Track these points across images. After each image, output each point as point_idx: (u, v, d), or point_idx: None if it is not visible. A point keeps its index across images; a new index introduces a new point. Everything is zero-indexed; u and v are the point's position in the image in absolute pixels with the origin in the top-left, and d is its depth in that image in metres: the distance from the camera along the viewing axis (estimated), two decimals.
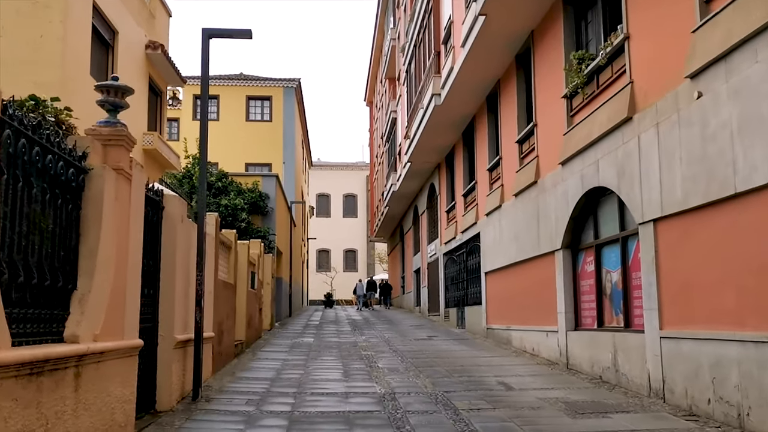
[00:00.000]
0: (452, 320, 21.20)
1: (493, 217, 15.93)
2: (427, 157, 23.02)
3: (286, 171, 31.78)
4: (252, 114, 33.55)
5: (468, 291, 19.26)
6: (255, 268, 15.81)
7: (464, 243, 19.59)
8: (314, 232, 54.52)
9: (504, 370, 10.97)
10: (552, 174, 11.75)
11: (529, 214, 12.93)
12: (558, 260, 11.38)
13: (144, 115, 15.14)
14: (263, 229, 20.14)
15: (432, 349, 14.53)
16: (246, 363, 11.81)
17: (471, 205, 18.72)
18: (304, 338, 17.08)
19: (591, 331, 10.22)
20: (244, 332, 13.73)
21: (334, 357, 12.96)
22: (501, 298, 15.37)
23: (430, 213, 26.50)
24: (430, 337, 17.55)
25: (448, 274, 22.38)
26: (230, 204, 19.04)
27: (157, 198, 7.60)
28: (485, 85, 15.99)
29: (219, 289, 10.66)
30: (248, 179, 20.94)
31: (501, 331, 15.25)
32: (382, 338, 17.32)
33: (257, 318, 16.01)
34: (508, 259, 14.46)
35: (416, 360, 12.42)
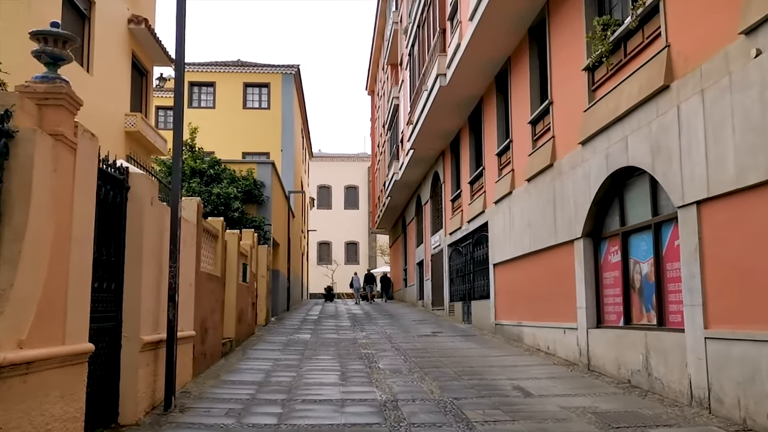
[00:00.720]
0: (457, 315, 20.14)
1: (502, 205, 14.84)
2: (430, 144, 21.90)
3: (284, 159, 30.66)
4: (249, 101, 32.41)
5: (475, 284, 18.19)
6: (247, 260, 14.76)
7: (471, 233, 18.51)
8: (315, 224, 53.47)
9: (518, 371, 9.90)
10: (570, 155, 10.64)
11: (544, 200, 11.84)
12: (578, 250, 10.29)
13: (126, 94, 14.06)
14: (258, 218, 19.07)
15: (437, 346, 13.47)
16: (234, 364, 10.76)
17: (478, 192, 17.62)
18: (301, 334, 16.03)
19: (617, 329, 9.14)
20: (233, 329, 12.68)
21: (331, 356, 11.91)
22: (511, 291, 14.29)
23: (434, 202, 25.41)
24: (435, 333, 16.49)
25: (453, 267, 21.30)
26: (223, 192, 17.96)
27: (120, 176, 6.52)
28: (494, 62, 14.86)
29: (202, 282, 9.60)
30: (242, 167, 19.86)
31: (511, 327, 14.18)
32: (384, 334, 16.27)
33: (250, 313, 14.96)
34: (519, 249, 13.38)
35: (421, 359, 11.36)
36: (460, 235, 19.70)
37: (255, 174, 19.87)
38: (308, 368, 10.35)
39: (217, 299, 10.85)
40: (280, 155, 29.90)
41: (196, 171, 18.55)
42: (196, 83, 32.07)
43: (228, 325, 12.63)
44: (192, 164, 18.44)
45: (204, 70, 32.05)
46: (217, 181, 18.68)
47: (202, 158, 19.02)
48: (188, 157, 18.83)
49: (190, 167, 18.43)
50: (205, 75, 32.06)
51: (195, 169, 18.50)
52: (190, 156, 18.85)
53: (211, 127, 30.24)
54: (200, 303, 9.44)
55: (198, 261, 9.29)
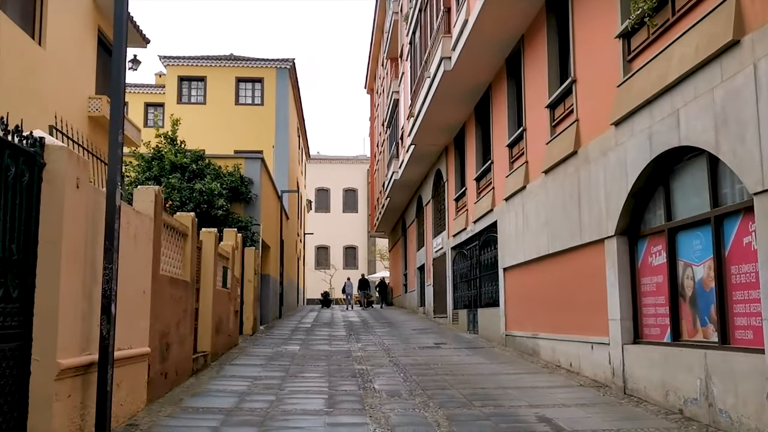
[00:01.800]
0: (462, 324, 18.54)
1: (514, 202, 13.26)
2: (432, 138, 20.33)
3: (278, 157, 29.07)
4: (242, 97, 30.84)
5: (481, 290, 16.59)
6: (229, 263, 13.16)
7: (477, 234, 16.92)
8: (313, 227, 51.88)
9: (540, 395, 8.30)
10: (600, 139, 9.06)
11: (566, 194, 10.26)
12: (610, 251, 8.70)
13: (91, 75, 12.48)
14: (245, 218, 17.47)
15: (441, 361, 11.88)
16: (204, 384, 9.15)
17: (486, 189, 16.05)
18: (290, 346, 14.42)
19: (663, 347, 7.53)
20: (209, 341, 11.08)
21: (320, 374, 10.31)
22: (525, 298, 12.69)
23: (436, 203, 23.83)
24: (438, 344, 14.89)
25: (457, 271, 19.71)
26: (205, 189, 16.36)
27: (31, 149, 4.95)
28: (506, 42, 13.31)
29: (163, 289, 8.01)
30: (228, 162, 18.28)
31: (525, 339, 12.58)
32: (381, 346, 14.66)
33: (231, 322, 13.37)
34: (535, 251, 11.79)
35: (423, 378, 9.77)
36: (465, 237, 18.12)
37: (242, 170, 18.29)
38: (291, 390, 8.74)
39: (186, 308, 9.26)
40: (272, 152, 28.30)
41: (177, 166, 16.97)
42: (185, 78, 30.53)
43: (202, 337, 11.03)
44: (172, 158, 16.86)
45: (194, 63, 30.52)
46: (200, 177, 17.10)
47: (183, 152, 17.45)
48: (168, 150, 17.25)
49: (170, 161, 16.85)
50: (196, 69, 30.52)
51: (176, 163, 16.91)
52: (170, 149, 17.27)
53: (202, 124, 28.72)
54: (160, 313, 7.85)
55: (157, 263, 7.70)
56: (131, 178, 16.66)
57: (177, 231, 9.03)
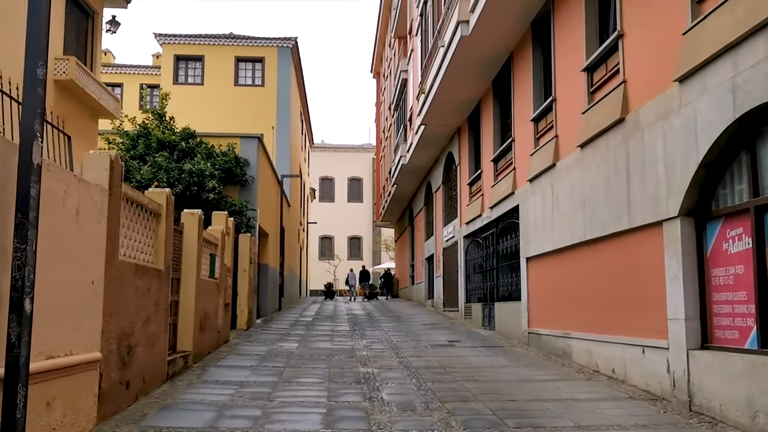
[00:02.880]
0: (476, 319, 17.02)
1: (540, 183, 11.70)
2: (444, 118, 18.74)
3: (279, 139, 27.52)
4: (242, 78, 29.25)
5: (499, 282, 15.06)
6: (217, 250, 11.66)
7: (494, 221, 15.38)
8: (317, 217, 50.33)
9: (585, 410, 6.78)
10: (657, 101, 7.49)
11: (610, 169, 8.69)
12: (671, 235, 7.14)
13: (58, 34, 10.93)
14: (239, 202, 15.94)
15: (458, 363, 10.37)
16: (179, 392, 7.65)
17: (505, 171, 14.48)
18: (286, 343, 12.93)
19: (747, 354, 5.98)
20: (191, 339, 9.59)
21: (319, 378, 8.80)
22: (553, 292, 11.15)
23: (447, 188, 22.26)
24: (452, 342, 13.37)
25: (471, 261, 18.17)
26: (195, 169, 14.84)
27: None
28: (532, 2, 11.71)
29: (124, 278, 6.50)
30: (222, 141, 16.76)
31: (553, 338, 11.05)
32: (389, 343, 13.16)
33: (220, 317, 11.88)
34: (567, 237, 10.24)
35: (439, 385, 8.26)
36: (480, 224, 16.58)
37: (237, 150, 16.75)
38: (282, 401, 7.24)
39: (158, 302, 7.76)
40: (272, 134, 26.74)
41: (165, 144, 15.44)
42: (182, 57, 28.96)
43: (183, 335, 9.53)
44: (159, 135, 15.33)
45: (191, 42, 28.94)
46: (190, 156, 15.58)
47: (171, 129, 15.91)
48: (155, 126, 15.72)
49: (157, 139, 15.32)
50: (193, 48, 28.94)
51: (163, 141, 15.38)
52: (157, 126, 15.73)
53: (199, 106, 27.21)
54: (118, 309, 6.34)
55: (113, 246, 6.19)
56: None
57: (146, 209, 7.51)
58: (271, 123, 27.94)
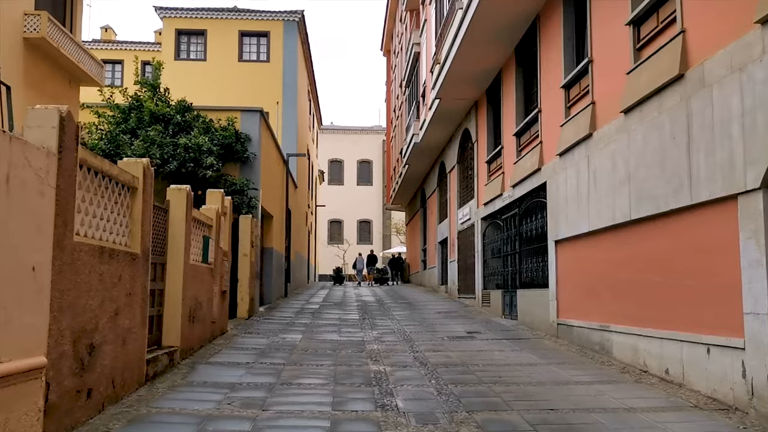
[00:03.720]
0: (495, 307, 15.80)
1: (573, 156, 10.42)
2: (460, 91, 17.41)
3: (286, 116, 26.24)
4: (246, 53, 27.95)
5: (522, 267, 13.81)
6: (211, 232, 10.47)
7: (517, 201, 14.11)
8: (326, 200, 49.10)
9: (644, 424, 5.56)
10: (729, 50, 6.17)
11: (665, 136, 7.40)
12: (749, 212, 5.86)
13: None
14: (240, 181, 14.71)
15: (481, 359, 9.17)
16: (155, 398, 6.49)
17: (530, 145, 13.19)
18: (289, 334, 11.77)
19: None
20: (178, 333, 8.42)
21: (323, 379, 7.62)
22: (589, 278, 9.90)
23: (463, 168, 20.96)
24: (471, 334, 12.17)
25: (489, 245, 16.92)
26: (191, 144, 13.62)
27: None
28: None
29: (81, 263, 5.31)
30: (221, 115, 15.51)
31: (587, 330, 9.81)
32: (402, 334, 11.98)
33: (215, 306, 10.72)
34: (608, 217, 8.97)
35: (463, 388, 7.07)
36: (501, 205, 15.30)
37: (238, 124, 15.52)
38: (278, 410, 6.06)
39: (132, 291, 6.57)
40: (277, 110, 25.46)
41: (159, 117, 14.22)
42: (183, 31, 27.68)
43: (169, 328, 8.37)
44: (152, 108, 14.11)
45: (193, 16, 27.64)
46: (187, 131, 14.36)
47: (166, 101, 14.69)
48: (147, 98, 14.51)
49: (149, 111, 14.11)
50: (195, 22, 27.65)
51: (156, 113, 14.16)
52: (149, 97, 14.52)
53: (202, 83, 26.01)
54: (75, 301, 5.16)
55: (67, 224, 4.99)
56: (103, 132, 13.98)
57: (116, 182, 6.31)
58: (276, 99, 26.66)
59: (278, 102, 25.72)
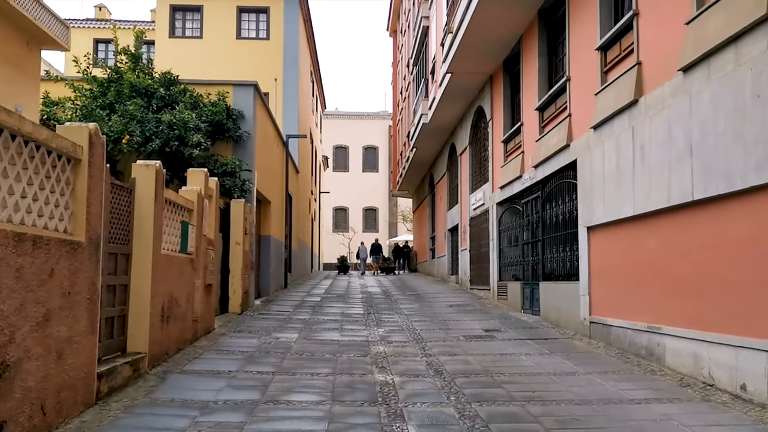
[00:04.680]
0: (512, 300, 14.37)
1: (612, 128, 8.94)
2: (474, 63, 15.89)
3: (287, 97, 24.72)
4: (244, 30, 26.38)
5: (545, 257, 12.37)
6: (192, 217, 9.06)
7: (539, 183, 12.64)
8: (331, 188, 47.61)
9: None
10: None
11: (745, 95, 5.91)
12: None
13: None
14: (231, 161, 13.26)
15: (507, 365, 7.76)
16: (103, 425, 5.09)
17: (556, 119, 11.71)
18: (284, 333, 10.38)
19: None
20: (146, 337, 7.02)
21: (318, 395, 6.22)
22: (632, 270, 8.45)
23: (476, 149, 19.47)
24: (490, 332, 10.75)
25: (506, 232, 15.48)
26: (176, 120, 12.18)
27: None
28: None
29: None
30: (210, 89, 14.05)
31: (631, 331, 8.38)
32: (411, 333, 10.59)
33: (197, 301, 9.32)
34: (661, 197, 7.50)
35: (491, 408, 5.67)
36: (520, 188, 13.83)
37: (229, 100, 14.06)
38: None
39: (73, 289, 5.18)
40: (275, 88, 23.96)
41: (141, 90, 12.77)
42: (178, 7, 26.13)
43: (135, 330, 6.97)
44: (132, 79, 12.66)
45: None
46: (171, 106, 12.91)
47: (149, 72, 13.24)
48: (127, 69, 13.06)
49: (129, 84, 12.66)
50: None
51: (137, 86, 12.71)
52: (129, 68, 13.07)
53: (198, 61, 24.44)
54: None
55: None
56: (78, 106, 12.54)
57: (47, 150, 4.88)
58: (278, 83, 25.14)
59: (276, 79, 24.19)
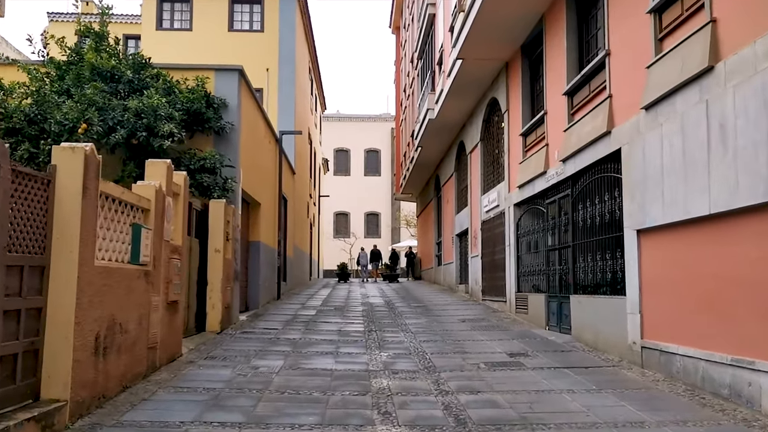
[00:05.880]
0: (535, 315, 12.53)
1: (673, 106, 7.12)
2: (488, 49, 14.09)
3: (283, 92, 22.91)
4: (237, 22, 24.66)
5: (578, 266, 10.53)
6: (148, 219, 7.26)
7: (569, 179, 10.83)
8: (331, 192, 45.75)
9: None
10: None
11: None
12: None
13: None
14: (210, 155, 11.43)
15: (547, 408, 5.93)
16: None
17: (590, 103, 9.89)
18: (266, 360, 8.55)
19: None
20: (68, 378, 5.21)
21: None
22: (707, 284, 6.60)
23: (488, 146, 17.66)
24: (514, 356, 8.91)
25: (525, 237, 13.66)
26: (144, 107, 10.39)
27: None
28: None
29: None
30: (188, 74, 12.24)
31: (704, 363, 6.53)
32: (421, 358, 8.75)
33: (157, 324, 7.51)
34: (753, 190, 5.67)
35: None
36: (544, 186, 12.02)
37: (210, 86, 12.28)
38: None
39: None
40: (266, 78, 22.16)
41: (104, 73, 11.00)
42: None
43: (53, 370, 5.16)
44: (93, 60, 10.90)
45: None
46: (141, 92, 11.13)
47: (114, 52, 11.47)
48: (89, 47, 11.30)
49: (90, 66, 10.89)
50: None
51: (100, 68, 10.94)
52: (91, 47, 11.30)
53: (187, 55, 22.65)
54: None
55: None
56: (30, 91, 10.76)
57: None
58: (272, 74, 23.39)
59: (268, 69, 22.42)
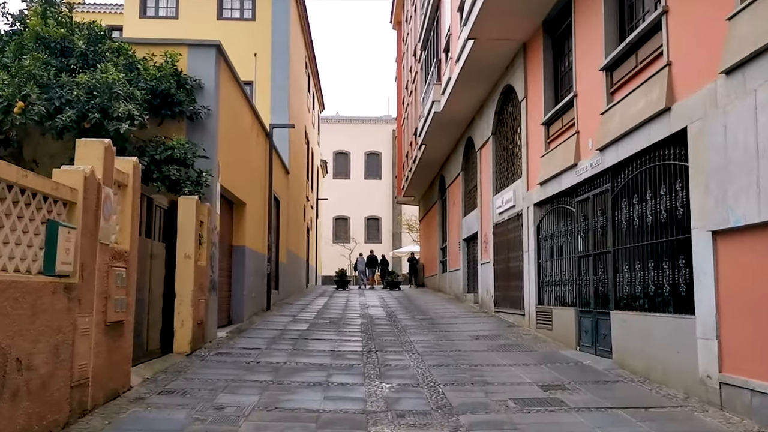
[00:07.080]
0: (562, 332, 10.70)
1: (765, 71, 5.31)
2: (504, 27, 12.32)
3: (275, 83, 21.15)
4: (227, 10, 22.93)
5: (620, 276, 8.71)
6: (73, 215, 5.47)
7: (606, 171, 9.04)
8: (331, 196, 43.91)
9: None
10: None
11: None
12: None
13: None
14: (179, 144, 9.61)
15: None
16: None
17: (638, 77, 8.09)
18: (236, 395, 6.73)
19: None
20: None
21: None
22: None
23: (501, 140, 15.86)
24: (549, 390, 7.08)
25: (548, 240, 11.85)
26: (96, 83, 8.58)
27: None
28: None
29: None
30: (156, 49, 10.40)
31: None
32: (432, 393, 6.93)
33: (86, 355, 5.72)
34: None
35: None
36: (573, 181, 10.22)
37: (182, 64, 10.50)
38: None
39: None
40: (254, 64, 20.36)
41: (50, 44, 9.22)
42: None
43: None
44: (38, 27, 9.12)
45: None
46: (96, 67, 9.33)
47: (64, 21, 9.68)
48: (32, 12, 9.51)
49: (34, 35, 9.12)
50: None
51: (45, 37, 9.16)
52: (36, 12, 9.52)
53: None
54: None
55: None
56: None
57: None
58: (264, 65, 21.60)
59: (256, 54, 20.64)
